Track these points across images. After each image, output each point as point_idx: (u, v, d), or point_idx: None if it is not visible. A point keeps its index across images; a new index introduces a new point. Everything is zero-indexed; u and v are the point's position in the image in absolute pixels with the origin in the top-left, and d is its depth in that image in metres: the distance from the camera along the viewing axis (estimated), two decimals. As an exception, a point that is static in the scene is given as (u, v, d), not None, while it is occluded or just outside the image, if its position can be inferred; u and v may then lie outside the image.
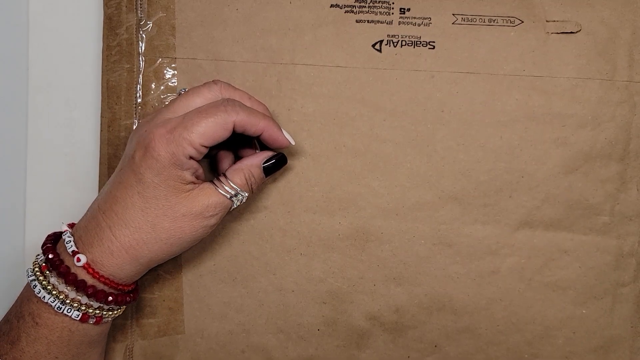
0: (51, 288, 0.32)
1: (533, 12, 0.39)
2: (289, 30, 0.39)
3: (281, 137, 0.36)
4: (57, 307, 0.32)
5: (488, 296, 0.39)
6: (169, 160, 0.32)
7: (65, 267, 0.32)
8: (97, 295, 0.32)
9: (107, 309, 0.33)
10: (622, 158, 0.39)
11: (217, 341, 0.39)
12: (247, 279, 0.39)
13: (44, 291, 0.32)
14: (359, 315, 0.39)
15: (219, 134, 0.33)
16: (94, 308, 0.32)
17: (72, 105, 0.41)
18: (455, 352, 0.39)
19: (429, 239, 0.39)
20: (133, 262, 0.33)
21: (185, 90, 0.36)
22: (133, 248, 0.32)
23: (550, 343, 0.39)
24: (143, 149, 0.32)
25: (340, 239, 0.39)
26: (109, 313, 0.33)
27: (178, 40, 0.39)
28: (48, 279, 0.32)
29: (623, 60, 0.39)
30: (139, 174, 0.32)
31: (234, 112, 0.33)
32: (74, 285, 0.32)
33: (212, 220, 0.34)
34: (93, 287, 0.32)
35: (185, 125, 0.32)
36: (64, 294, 0.32)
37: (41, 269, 0.32)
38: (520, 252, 0.39)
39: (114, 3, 0.38)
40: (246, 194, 0.35)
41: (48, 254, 0.33)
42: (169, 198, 0.33)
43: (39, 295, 0.32)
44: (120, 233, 0.32)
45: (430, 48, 0.39)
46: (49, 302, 0.32)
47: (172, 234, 0.33)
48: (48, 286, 0.32)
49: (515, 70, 0.39)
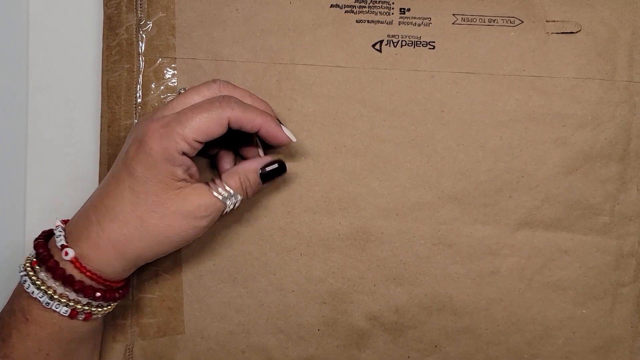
0: (40, 283, 0.32)
1: (533, 12, 0.39)
2: (289, 30, 0.39)
3: (280, 133, 0.35)
4: (46, 302, 0.32)
5: (488, 296, 0.39)
6: (161, 154, 0.32)
7: (54, 261, 0.32)
8: (85, 291, 0.32)
9: (95, 305, 0.33)
10: (622, 158, 0.39)
11: (217, 341, 0.39)
12: (247, 279, 0.39)
13: (33, 286, 0.32)
14: (359, 315, 0.39)
15: (213, 130, 0.33)
16: (83, 304, 0.32)
17: (72, 105, 0.41)
18: (455, 352, 0.39)
19: (429, 239, 0.39)
20: (120, 258, 0.32)
21: (185, 90, 0.36)
22: (120, 243, 0.32)
23: (550, 343, 0.39)
24: (137, 143, 0.32)
25: (340, 239, 0.39)
26: (99, 310, 0.33)
27: (178, 40, 0.39)
28: (37, 274, 0.32)
29: (623, 61, 0.39)
30: (131, 168, 0.32)
31: (229, 107, 0.33)
32: (62, 280, 0.32)
33: (203, 222, 0.33)
34: (81, 283, 0.32)
35: (180, 120, 0.32)
36: (53, 289, 0.32)
37: (32, 264, 0.32)
38: (520, 252, 0.39)
39: (114, 3, 0.38)
40: (240, 197, 0.35)
41: (39, 249, 0.33)
42: (159, 194, 0.32)
43: (28, 291, 0.32)
44: (108, 227, 0.32)
45: (430, 48, 0.39)
46: (37, 297, 0.32)
47: (161, 231, 0.33)
48: (37, 281, 0.32)
49: (515, 71, 0.39)
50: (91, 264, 0.32)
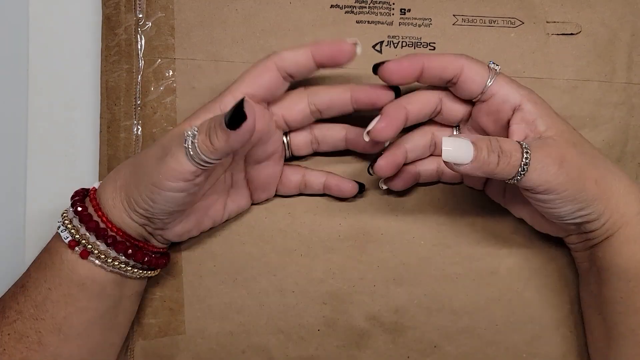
0: (67, 222, 0.33)
1: (533, 13, 0.39)
2: (289, 30, 0.39)
3: (340, 44, 0.33)
4: (58, 226, 0.33)
5: (487, 296, 0.39)
6: (203, 110, 0.34)
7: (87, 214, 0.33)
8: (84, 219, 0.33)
9: (92, 242, 0.33)
10: (619, 159, 0.39)
11: (217, 342, 0.39)
12: (247, 279, 0.39)
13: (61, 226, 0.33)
14: (359, 315, 0.39)
15: (262, 77, 0.33)
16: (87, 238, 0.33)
17: (72, 106, 0.41)
18: (455, 352, 0.39)
19: (428, 239, 0.39)
20: (112, 183, 0.33)
21: None
22: (118, 169, 0.34)
23: (548, 342, 0.39)
24: None
25: (340, 240, 0.39)
26: (95, 251, 0.33)
27: (177, 40, 0.38)
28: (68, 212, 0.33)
29: (622, 62, 0.39)
30: None
31: (274, 55, 0.34)
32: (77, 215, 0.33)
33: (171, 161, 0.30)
34: (89, 215, 0.33)
35: (233, 82, 0.34)
36: (71, 221, 0.33)
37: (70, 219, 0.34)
38: (519, 252, 0.39)
39: (113, 3, 0.38)
40: (195, 129, 0.30)
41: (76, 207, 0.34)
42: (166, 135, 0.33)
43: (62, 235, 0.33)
44: (121, 178, 0.34)
45: (430, 49, 0.39)
46: (57, 231, 0.33)
47: (140, 159, 0.33)
48: (65, 218, 0.33)
49: (516, 72, 0.39)
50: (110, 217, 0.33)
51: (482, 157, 0.30)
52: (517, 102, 0.33)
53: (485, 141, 0.31)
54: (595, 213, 0.32)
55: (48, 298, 0.32)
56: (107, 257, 0.33)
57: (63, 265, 0.32)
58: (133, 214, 0.33)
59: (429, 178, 0.38)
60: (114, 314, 0.35)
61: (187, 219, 0.35)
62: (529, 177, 0.31)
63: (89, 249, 0.32)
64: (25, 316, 0.32)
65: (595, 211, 0.32)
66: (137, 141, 0.39)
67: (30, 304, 0.32)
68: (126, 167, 0.34)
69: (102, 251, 0.33)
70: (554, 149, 0.31)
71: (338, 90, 0.35)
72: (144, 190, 0.31)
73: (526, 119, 0.33)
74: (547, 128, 0.32)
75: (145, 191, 0.31)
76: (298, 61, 0.33)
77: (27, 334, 0.32)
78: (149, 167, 0.31)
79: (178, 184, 0.31)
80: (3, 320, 0.32)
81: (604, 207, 0.32)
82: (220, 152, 0.30)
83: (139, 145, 0.39)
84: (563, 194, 0.31)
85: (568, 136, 0.32)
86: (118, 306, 0.35)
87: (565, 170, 0.31)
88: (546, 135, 0.32)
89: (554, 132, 0.32)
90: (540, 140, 0.32)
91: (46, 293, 0.32)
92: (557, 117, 0.33)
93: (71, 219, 0.33)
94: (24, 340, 0.32)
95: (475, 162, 0.30)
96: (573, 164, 0.31)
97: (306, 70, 0.34)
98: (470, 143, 0.30)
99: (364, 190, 0.39)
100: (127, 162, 0.34)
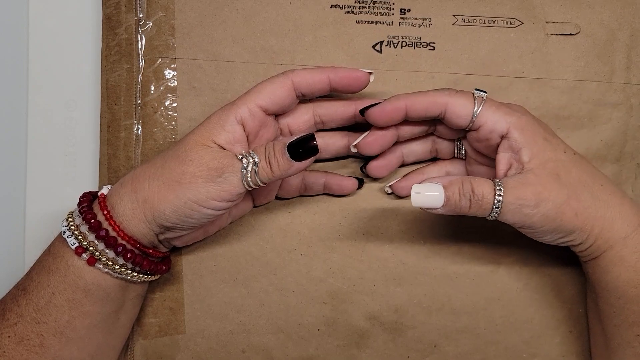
0: (74, 228, 0.32)
1: (533, 13, 0.39)
2: (289, 30, 0.39)
3: (356, 72, 0.34)
4: (63, 231, 0.32)
5: (486, 296, 0.39)
6: (215, 117, 0.33)
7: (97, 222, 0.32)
8: (93, 227, 0.32)
9: (100, 249, 0.32)
10: (617, 159, 0.39)
11: (217, 341, 0.39)
12: (247, 279, 0.39)
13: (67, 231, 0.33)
14: (359, 315, 0.39)
15: (277, 93, 0.33)
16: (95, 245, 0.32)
17: (72, 105, 0.41)
18: (455, 352, 0.39)
19: (428, 239, 0.39)
20: (132, 194, 0.32)
21: None
22: (136, 179, 0.33)
23: (548, 342, 0.39)
24: None
25: (340, 239, 0.39)
26: (103, 259, 0.32)
27: (178, 40, 0.38)
28: (74, 217, 0.33)
29: (621, 63, 0.39)
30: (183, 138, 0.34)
31: (291, 72, 0.34)
32: (85, 222, 0.32)
33: (223, 183, 0.31)
34: (98, 223, 0.32)
35: (247, 92, 0.34)
36: (78, 227, 0.32)
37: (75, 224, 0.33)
38: (518, 251, 0.39)
39: (113, 3, 0.38)
40: (257, 158, 0.32)
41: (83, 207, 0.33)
42: (185, 142, 0.33)
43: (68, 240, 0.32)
44: (138, 168, 0.33)
45: (430, 49, 0.39)
46: (61, 234, 0.32)
47: (174, 175, 0.32)
48: (71, 223, 0.33)
49: (515, 72, 0.39)
50: (113, 210, 0.33)
51: (453, 201, 0.31)
52: (504, 130, 0.33)
53: (457, 184, 0.31)
54: (577, 240, 0.33)
55: (51, 302, 0.32)
56: (115, 264, 0.32)
57: (69, 271, 0.32)
58: (154, 225, 0.33)
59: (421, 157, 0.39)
60: (116, 316, 0.35)
61: (199, 228, 0.35)
62: (503, 216, 0.31)
63: (97, 256, 0.32)
64: (27, 319, 0.32)
65: (577, 239, 0.33)
66: (138, 141, 0.39)
67: (32, 307, 0.32)
68: (148, 181, 0.32)
69: (110, 258, 0.32)
70: (531, 188, 0.31)
71: (343, 103, 0.37)
72: (182, 207, 0.32)
73: (512, 147, 0.33)
74: (530, 159, 0.32)
75: (183, 208, 0.32)
76: (314, 83, 0.34)
77: (28, 337, 0.32)
78: (193, 187, 0.31)
79: (223, 204, 0.32)
80: (3, 322, 0.32)
81: (586, 235, 0.33)
82: (277, 177, 0.32)
83: (139, 145, 0.39)
84: (540, 229, 0.32)
85: (552, 166, 0.32)
86: (120, 309, 0.35)
87: (541, 209, 0.31)
88: (529, 167, 0.32)
89: (537, 163, 0.32)
90: (519, 177, 0.32)
91: (49, 297, 0.32)
92: (544, 143, 0.33)
93: (78, 224, 0.33)
94: (24, 342, 0.32)
95: (446, 206, 0.31)
96: (550, 202, 0.31)
97: (319, 93, 0.35)
98: (442, 187, 0.31)
99: (363, 184, 0.39)
100: (146, 174, 0.33)
